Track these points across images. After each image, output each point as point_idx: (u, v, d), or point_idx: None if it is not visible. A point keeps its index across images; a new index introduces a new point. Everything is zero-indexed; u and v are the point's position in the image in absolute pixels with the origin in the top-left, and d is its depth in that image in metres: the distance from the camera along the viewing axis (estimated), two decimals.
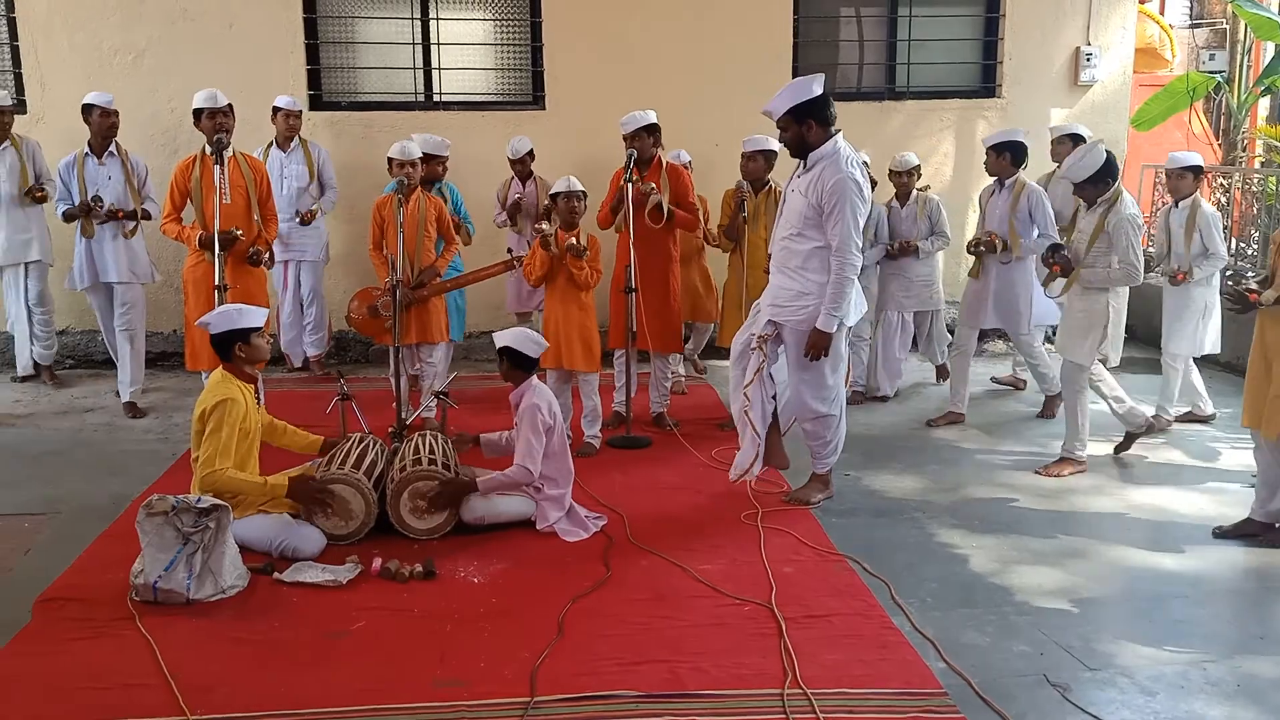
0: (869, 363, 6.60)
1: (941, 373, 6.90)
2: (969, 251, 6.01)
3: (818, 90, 4.35)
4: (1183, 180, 5.99)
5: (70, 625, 3.52)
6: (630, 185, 5.48)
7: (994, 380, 7.00)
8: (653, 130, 5.64)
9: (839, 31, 8.14)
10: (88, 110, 6.15)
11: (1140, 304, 8.41)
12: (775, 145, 5.70)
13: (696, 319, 6.78)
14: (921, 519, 4.61)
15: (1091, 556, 4.22)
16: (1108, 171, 4.98)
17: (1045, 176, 6.63)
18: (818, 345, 4.46)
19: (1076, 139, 6.51)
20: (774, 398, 4.82)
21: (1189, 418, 6.14)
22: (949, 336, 6.81)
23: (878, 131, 7.95)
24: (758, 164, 5.71)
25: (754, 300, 5.55)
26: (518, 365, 4.50)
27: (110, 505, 4.67)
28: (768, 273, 4.76)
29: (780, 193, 5.67)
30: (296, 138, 6.89)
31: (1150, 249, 7.30)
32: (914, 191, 6.43)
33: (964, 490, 5.00)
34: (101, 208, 6.09)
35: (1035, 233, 5.77)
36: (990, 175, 6.02)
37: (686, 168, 6.55)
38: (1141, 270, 5.04)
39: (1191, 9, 15.03)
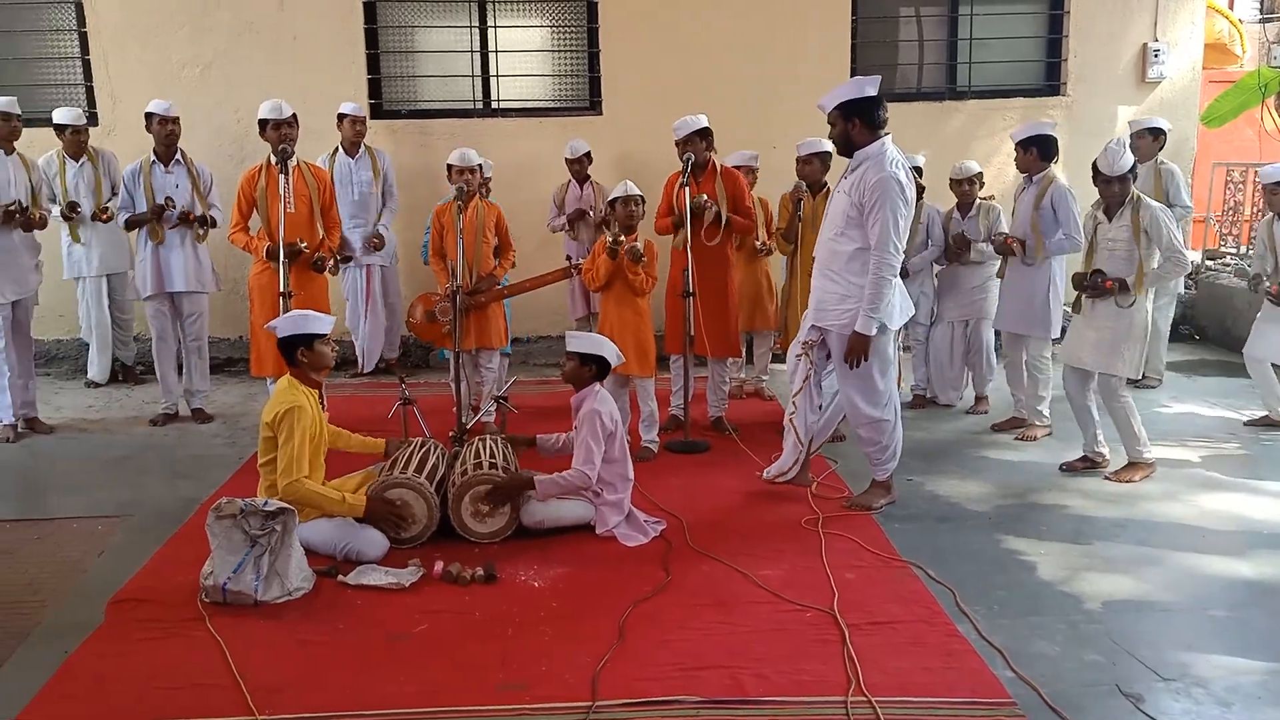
0: (931, 370, 6.49)
1: (980, 404, 6.42)
2: (996, 251, 5.90)
3: (870, 91, 4.35)
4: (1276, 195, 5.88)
5: (142, 625, 3.60)
6: (685, 190, 5.48)
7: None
8: (705, 134, 5.62)
9: (898, 31, 8.07)
10: (149, 118, 6.20)
11: (1211, 306, 8.22)
12: (830, 147, 5.66)
13: (756, 327, 6.55)
14: (986, 525, 4.54)
15: (1164, 563, 4.11)
16: (1133, 169, 4.95)
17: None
18: (856, 349, 4.41)
19: (1156, 133, 6.36)
20: (820, 408, 4.79)
21: (1265, 421, 5.96)
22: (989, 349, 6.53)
23: (938, 132, 7.86)
24: (813, 166, 5.67)
25: (807, 304, 5.53)
26: (600, 374, 4.50)
27: (180, 508, 4.77)
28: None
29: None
30: (363, 144, 7.04)
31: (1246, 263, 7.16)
32: (977, 201, 6.20)
33: (1030, 495, 4.91)
34: (174, 209, 6.09)
35: (1059, 233, 5.59)
36: (1020, 171, 5.87)
37: (753, 168, 6.55)
38: (1186, 256, 4.95)
39: (1261, 3, 14.61)
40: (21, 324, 5.99)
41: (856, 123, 4.37)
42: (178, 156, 6.26)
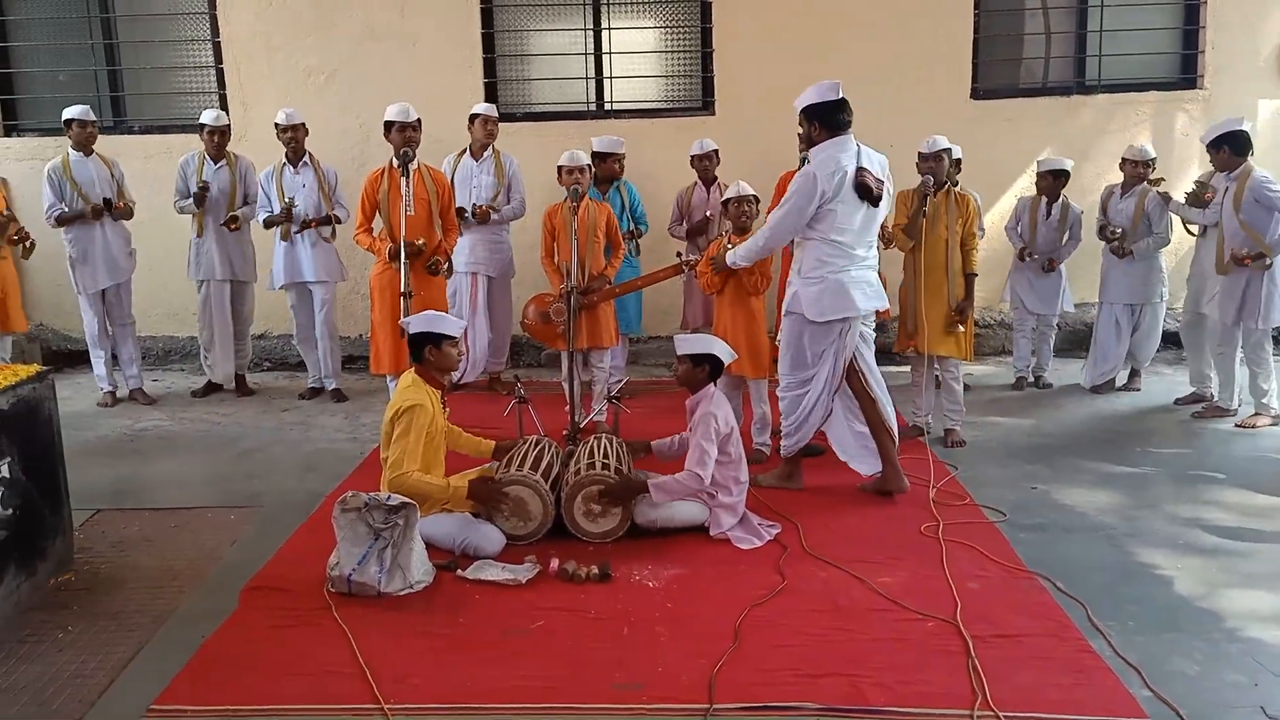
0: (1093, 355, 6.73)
1: (1133, 378, 6.78)
2: (1236, 263, 5.83)
3: (831, 96, 4.55)
4: None
5: (273, 613, 3.73)
6: None
7: (1178, 402, 6.50)
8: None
9: (1023, 24, 7.81)
10: (276, 126, 6.68)
11: None
12: (950, 144, 5.56)
13: None
14: (1118, 536, 4.35)
15: None
16: None
17: (1207, 174, 6.33)
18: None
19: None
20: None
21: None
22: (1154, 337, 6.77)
23: (1066, 127, 7.61)
24: (940, 164, 5.54)
25: (928, 303, 5.42)
26: (713, 373, 4.49)
27: (306, 500, 4.93)
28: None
29: (958, 195, 5.51)
30: (491, 147, 6.82)
31: None
32: (1145, 185, 6.47)
33: (1166, 506, 4.69)
34: (295, 209, 6.60)
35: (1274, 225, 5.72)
36: (1218, 171, 5.97)
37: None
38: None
39: None
40: (120, 306, 6.84)
41: (816, 125, 4.59)
42: (305, 159, 6.70)
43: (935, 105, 7.50)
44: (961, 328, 5.51)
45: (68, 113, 6.60)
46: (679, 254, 6.58)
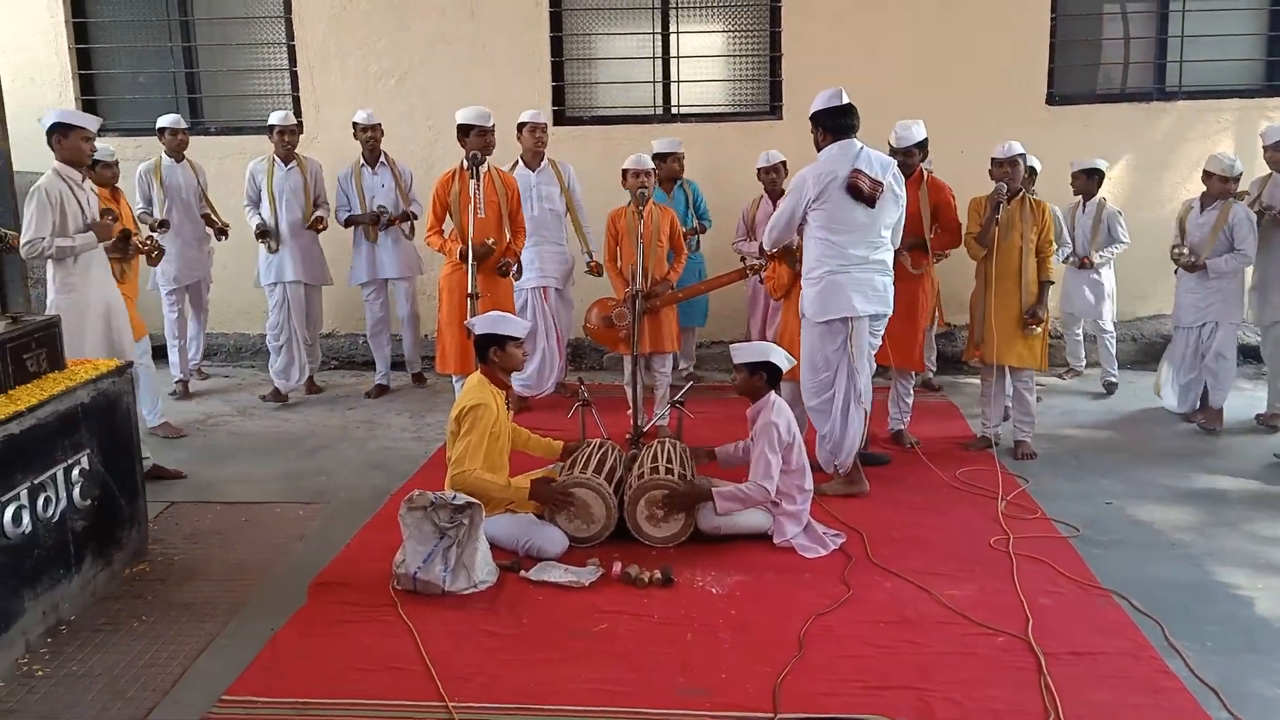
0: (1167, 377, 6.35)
1: (1206, 416, 6.11)
2: None
3: (834, 103, 4.75)
4: None
5: (340, 608, 3.77)
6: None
7: (1259, 420, 6.18)
8: (922, 145, 5.51)
9: (1102, 29, 7.65)
10: (355, 126, 6.91)
11: None
12: (1024, 150, 5.45)
13: None
14: (1196, 554, 4.22)
15: None
16: None
17: (1260, 181, 6.13)
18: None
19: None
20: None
21: None
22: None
23: (1144, 134, 7.44)
24: (1015, 169, 5.42)
25: (998, 311, 5.32)
26: (771, 380, 4.46)
27: (372, 497, 4.99)
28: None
29: (1033, 203, 5.40)
30: (545, 158, 6.65)
31: None
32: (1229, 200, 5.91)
33: (1247, 524, 4.54)
34: (385, 214, 6.91)
35: None
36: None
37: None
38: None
39: None
40: (199, 300, 7.22)
41: (821, 130, 4.80)
42: (382, 159, 6.96)
43: (1009, 110, 7.37)
44: (1035, 330, 5.36)
45: (161, 121, 6.89)
46: (742, 258, 6.56)
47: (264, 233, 6.79)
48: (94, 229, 5.00)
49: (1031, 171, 6.33)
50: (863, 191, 4.63)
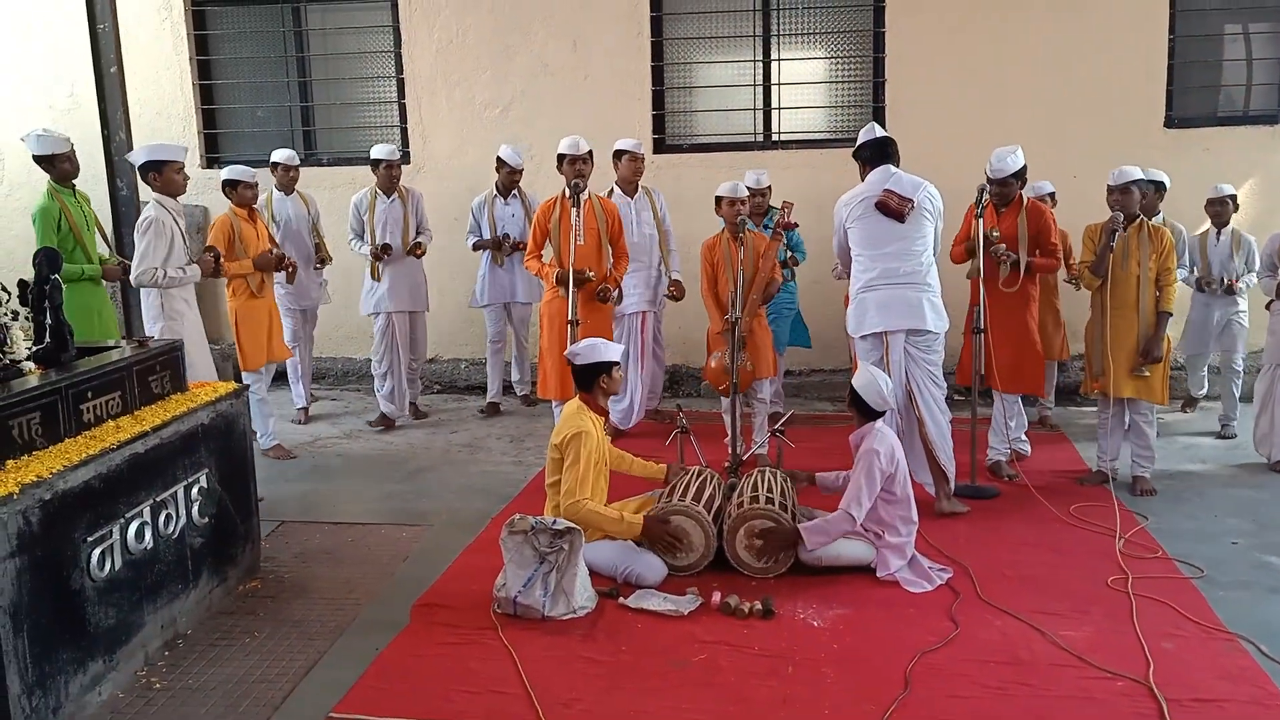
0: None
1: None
2: None
3: (869, 137, 5.13)
4: None
5: (442, 630, 3.82)
6: (980, 222, 5.27)
7: None
8: (1019, 174, 5.41)
9: (1223, 50, 7.37)
10: (500, 163, 7.11)
11: None
12: (1140, 174, 5.26)
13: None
14: None
15: None
16: None
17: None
18: None
19: None
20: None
21: None
22: None
23: (1268, 157, 7.11)
24: (1129, 196, 5.24)
25: (1115, 342, 5.14)
26: (863, 413, 4.38)
27: (474, 520, 5.05)
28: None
29: (1152, 228, 5.22)
30: (640, 186, 6.74)
31: None
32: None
33: None
34: (509, 242, 7.08)
35: None
36: None
37: (1049, 200, 6.28)
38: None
39: None
40: (308, 328, 7.33)
41: (861, 162, 5.14)
42: (515, 192, 7.18)
43: (1127, 134, 7.13)
44: (1146, 371, 5.17)
45: (275, 156, 7.10)
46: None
47: (385, 248, 6.89)
48: (200, 264, 5.37)
49: (1159, 187, 6.05)
50: (890, 207, 4.88)
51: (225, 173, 6.36)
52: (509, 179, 7.12)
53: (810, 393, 7.63)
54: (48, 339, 3.76)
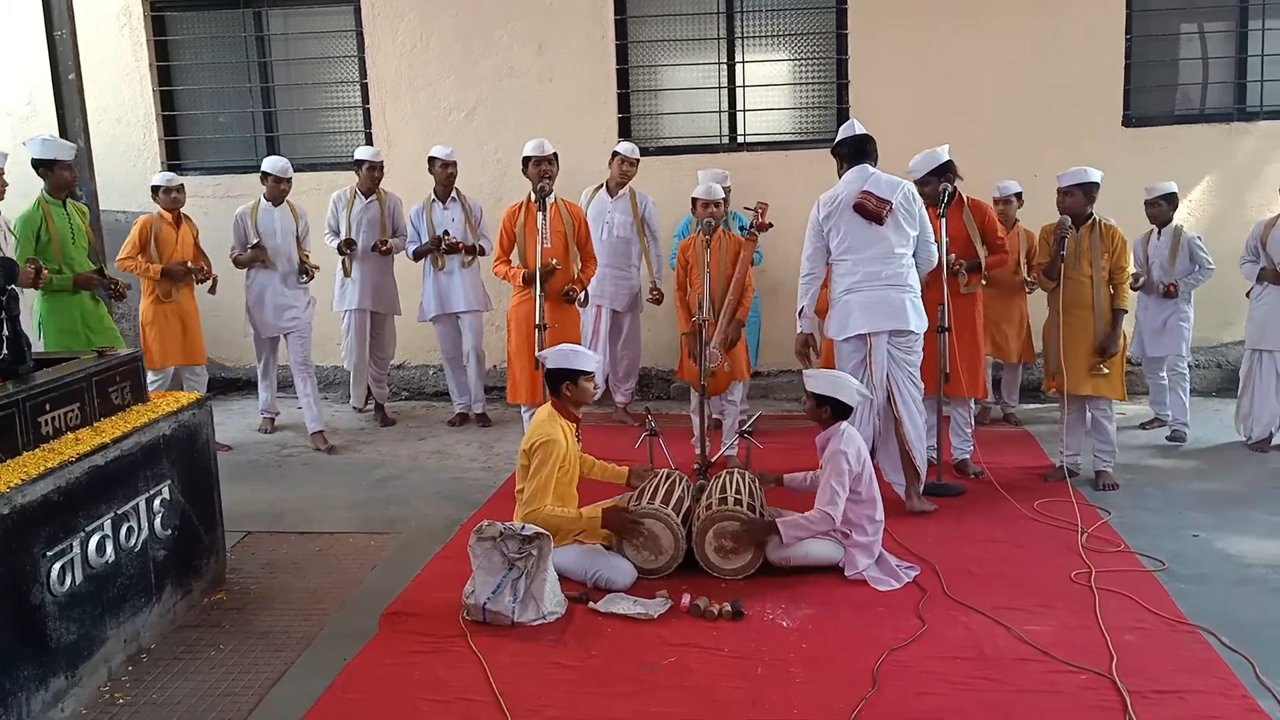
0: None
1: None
2: None
3: (847, 134, 5.13)
4: None
5: (411, 638, 3.80)
6: (943, 221, 5.29)
7: None
8: (942, 171, 5.38)
9: (1179, 50, 7.48)
10: (431, 161, 6.99)
11: None
12: (1095, 176, 5.29)
13: (997, 356, 6.49)
14: None
15: None
16: None
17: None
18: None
19: None
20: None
21: None
22: None
23: (1225, 155, 7.23)
24: (1075, 198, 5.29)
25: (1071, 341, 5.20)
26: (836, 415, 4.41)
27: (443, 528, 5.03)
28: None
29: (1104, 228, 5.27)
30: (627, 186, 6.90)
31: None
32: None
33: None
34: (449, 239, 6.91)
35: None
36: None
37: (1016, 200, 6.37)
38: None
39: None
40: (300, 351, 6.86)
41: (839, 159, 5.12)
42: (453, 194, 7.03)
43: (1085, 133, 7.23)
44: (1105, 369, 5.22)
45: (265, 165, 6.77)
46: None
47: (349, 243, 6.88)
48: (20, 274, 5.10)
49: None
50: (868, 209, 4.87)
51: (155, 179, 6.54)
52: (444, 176, 6.94)
53: (779, 392, 7.66)
54: (4, 350, 3.71)
